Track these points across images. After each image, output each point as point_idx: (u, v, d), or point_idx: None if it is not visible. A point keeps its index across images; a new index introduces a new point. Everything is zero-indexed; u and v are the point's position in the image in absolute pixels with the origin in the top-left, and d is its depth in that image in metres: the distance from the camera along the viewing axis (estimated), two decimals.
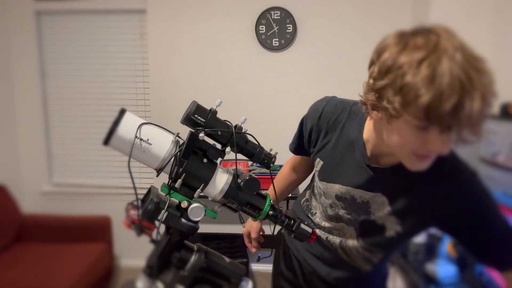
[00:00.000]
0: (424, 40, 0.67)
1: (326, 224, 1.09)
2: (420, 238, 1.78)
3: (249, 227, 1.30)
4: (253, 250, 1.29)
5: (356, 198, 0.98)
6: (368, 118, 0.94)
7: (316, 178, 1.11)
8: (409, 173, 0.84)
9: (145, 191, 0.81)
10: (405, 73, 0.66)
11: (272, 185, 1.02)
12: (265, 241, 1.33)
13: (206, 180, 0.79)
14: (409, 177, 0.87)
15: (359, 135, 0.95)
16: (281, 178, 1.34)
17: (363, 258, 1.06)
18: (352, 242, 1.05)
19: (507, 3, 1.98)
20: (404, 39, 0.70)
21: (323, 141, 1.04)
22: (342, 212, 1.03)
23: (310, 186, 1.21)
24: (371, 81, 0.75)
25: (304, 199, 1.23)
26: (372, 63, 0.76)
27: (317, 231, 1.11)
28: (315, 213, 1.14)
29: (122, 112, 0.74)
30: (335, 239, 1.08)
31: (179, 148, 0.77)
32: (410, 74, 0.65)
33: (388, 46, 0.71)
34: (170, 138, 0.77)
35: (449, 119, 0.64)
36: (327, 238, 1.10)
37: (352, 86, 1.16)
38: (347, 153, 0.98)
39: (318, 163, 1.07)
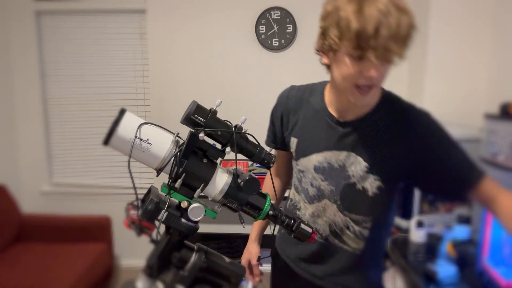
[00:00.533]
0: None
1: (310, 210, 1.11)
2: (420, 238, 1.78)
3: (248, 255, 1.28)
4: (257, 279, 1.25)
5: (332, 163, 1.03)
6: (327, 85, 1.06)
7: (294, 163, 1.14)
8: (375, 124, 0.98)
9: (145, 191, 0.81)
10: (339, 10, 0.83)
11: (271, 180, 1.03)
12: (265, 241, 1.32)
13: (206, 180, 0.79)
14: (375, 128, 0.99)
15: (321, 102, 1.07)
16: (268, 188, 1.29)
17: (355, 235, 1.07)
18: (339, 219, 1.07)
19: (507, 3, 1.98)
20: None
21: (293, 120, 1.12)
22: (323, 185, 1.06)
23: (291, 184, 1.24)
24: (319, 30, 0.91)
25: (288, 201, 1.25)
26: (321, 18, 0.91)
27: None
28: (300, 207, 1.15)
29: (122, 112, 0.74)
30: (324, 225, 1.09)
31: (179, 148, 0.77)
32: (343, 10, 0.82)
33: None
34: (170, 138, 0.77)
35: (373, 41, 0.79)
36: (316, 228, 1.10)
37: None
38: (316, 122, 1.07)
39: (293, 143, 1.11)
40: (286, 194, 1.36)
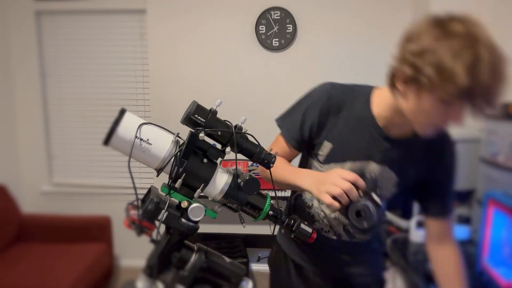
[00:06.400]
0: (462, 27, 0.78)
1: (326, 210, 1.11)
2: (420, 238, 1.78)
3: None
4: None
5: (365, 173, 1.03)
6: (375, 93, 1.01)
7: (317, 164, 1.07)
8: (416, 146, 1.01)
9: (145, 191, 0.81)
10: (444, 57, 0.75)
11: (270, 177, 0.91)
12: (265, 241, 1.33)
13: (206, 180, 0.79)
14: (415, 149, 1.02)
15: (367, 110, 1.00)
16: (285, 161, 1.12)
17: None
18: None
19: (506, 3, 1.98)
20: (441, 24, 0.81)
21: (331, 122, 1.03)
22: None
23: None
24: (408, 56, 0.81)
25: (292, 199, 1.21)
26: (409, 40, 0.82)
27: (321, 213, 1.12)
28: (312, 204, 1.14)
29: (122, 112, 0.74)
30: (338, 223, 1.12)
31: (179, 148, 0.77)
32: (450, 60, 0.74)
33: (427, 29, 0.81)
34: (170, 138, 0.77)
35: (479, 100, 0.77)
36: (331, 225, 1.12)
37: None
38: (358, 130, 1.02)
39: (326, 147, 1.04)
40: (285, 194, 1.35)
